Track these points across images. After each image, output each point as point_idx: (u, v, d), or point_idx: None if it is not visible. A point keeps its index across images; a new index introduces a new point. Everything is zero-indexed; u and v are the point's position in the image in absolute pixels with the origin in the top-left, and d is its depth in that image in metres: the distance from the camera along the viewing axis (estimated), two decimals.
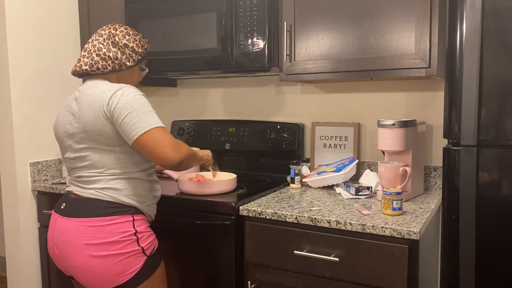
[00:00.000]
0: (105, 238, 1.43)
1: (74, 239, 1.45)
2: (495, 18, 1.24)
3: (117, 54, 1.53)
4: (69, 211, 1.50)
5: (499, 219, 1.28)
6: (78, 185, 1.53)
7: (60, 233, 1.49)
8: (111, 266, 1.43)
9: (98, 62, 1.52)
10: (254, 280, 1.67)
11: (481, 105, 1.27)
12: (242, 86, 2.43)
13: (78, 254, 1.44)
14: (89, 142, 1.48)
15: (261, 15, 1.86)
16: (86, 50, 1.56)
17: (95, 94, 1.47)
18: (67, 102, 1.58)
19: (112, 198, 1.48)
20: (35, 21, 2.27)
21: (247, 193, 1.85)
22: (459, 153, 1.31)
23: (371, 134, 2.12)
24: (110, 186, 1.48)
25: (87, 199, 1.49)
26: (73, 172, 1.56)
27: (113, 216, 1.46)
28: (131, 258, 1.46)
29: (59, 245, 1.49)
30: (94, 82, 1.53)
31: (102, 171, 1.49)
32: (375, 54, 1.72)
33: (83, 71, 1.54)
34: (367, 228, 1.45)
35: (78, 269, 1.46)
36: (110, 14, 2.34)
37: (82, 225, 1.45)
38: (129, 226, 1.47)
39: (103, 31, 1.57)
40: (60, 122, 1.57)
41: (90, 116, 1.45)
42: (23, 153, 2.24)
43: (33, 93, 2.27)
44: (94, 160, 1.49)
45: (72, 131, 1.51)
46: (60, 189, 2.15)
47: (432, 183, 1.99)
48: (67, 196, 1.57)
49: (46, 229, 2.24)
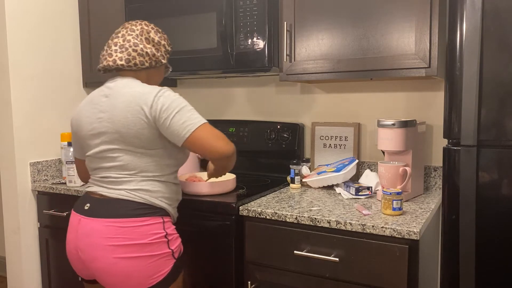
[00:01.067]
0: (137, 239, 1.39)
1: (103, 240, 1.39)
2: (495, 18, 1.24)
3: (153, 51, 1.51)
4: (96, 212, 1.43)
5: (499, 219, 1.28)
6: (104, 186, 1.48)
7: (86, 234, 1.42)
8: (141, 268, 1.39)
9: (136, 58, 1.48)
10: (254, 280, 1.67)
11: (481, 105, 1.27)
12: (242, 86, 2.43)
13: (107, 255, 1.38)
14: (122, 143, 1.43)
15: (261, 15, 1.86)
16: (117, 45, 1.48)
17: (133, 95, 1.42)
18: (93, 98, 1.51)
19: (143, 200, 1.44)
20: (35, 21, 2.27)
21: (247, 193, 1.85)
22: (459, 153, 1.31)
23: (371, 134, 2.12)
24: (141, 187, 1.45)
25: (116, 200, 1.44)
26: (97, 172, 1.50)
27: (144, 217, 1.42)
28: (161, 260, 1.43)
29: (85, 247, 1.42)
30: (127, 81, 1.48)
31: (133, 173, 1.45)
32: (375, 54, 1.72)
33: (117, 66, 1.48)
34: (367, 228, 1.45)
35: (106, 271, 1.40)
36: (110, 14, 2.34)
37: (113, 226, 1.39)
38: (160, 228, 1.44)
39: (134, 26, 1.51)
40: (84, 119, 1.50)
41: (128, 118, 1.40)
42: (23, 153, 2.24)
43: (33, 93, 2.27)
44: (126, 162, 1.44)
45: (101, 130, 1.45)
46: (60, 189, 2.15)
47: (432, 183, 1.99)
48: (88, 196, 1.51)
49: (46, 229, 2.27)
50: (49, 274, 2.30)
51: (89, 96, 1.55)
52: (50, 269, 2.30)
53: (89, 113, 1.49)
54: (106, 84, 1.51)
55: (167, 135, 1.43)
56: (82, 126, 1.51)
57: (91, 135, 1.48)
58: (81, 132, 1.52)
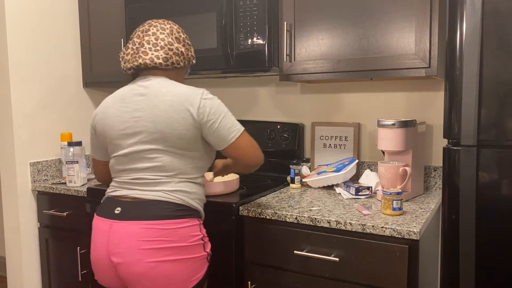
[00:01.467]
0: (178, 241, 1.36)
1: (143, 243, 1.33)
2: (495, 18, 1.24)
3: (184, 51, 1.49)
4: (131, 215, 1.37)
5: (499, 219, 1.28)
6: (136, 188, 1.42)
7: (121, 239, 1.35)
8: (182, 271, 1.36)
9: (172, 57, 1.45)
10: (254, 280, 1.67)
11: (481, 105, 1.27)
12: (242, 86, 2.43)
13: (148, 259, 1.33)
14: (162, 143, 1.39)
15: (261, 15, 1.86)
16: (149, 43, 1.44)
17: (177, 95, 1.39)
18: (124, 97, 1.45)
19: (182, 201, 1.41)
20: (35, 21, 2.27)
21: (247, 193, 1.85)
22: (459, 153, 1.31)
23: (371, 134, 2.12)
24: (179, 188, 1.41)
25: (152, 201, 1.38)
26: (127, 173, 1.44)
27: (184, 219, 1.39)
28: (197, 263, 1.40)
29: (121, 252, 1.35)
30: (162, 80, 1.44)
31: (172, 174, 1.41)
32: (375, 54, 1.72)
33: (155, 64, 1.43)
34: (367, 228, 1.45)
35: (145, 276, 1.34)
36: (110, 14, 2.34)
37: (153, 228, 1.34)
38: (197, 230, 1.42)
39: (164, 25, 1.48)
40: (115, 118, 1.44)
41: (173, 118, 1.37)
42: (23, 153, 2.24)
43: (33, 93, 2.27)
44: (164, 163, 1.40)
45: (138, 130, 1.40)
46: (60, 189, 2.15)
47: (432, 183, 1.99)
48: (116, 200, 1.43)
49: (46, 229, 2.27)
50: (49, 274, 2.30)
51: (117, 95, 1.48)
52: (50, 269, 2.30)
53: (120, 112, 1.44)
54: (139, 83, 1.46)
55: (212, 138, 1.42)
56: (111, 125, 1.45)
57: (124, 134, 1.42)
58: (110, 131, 1.45)
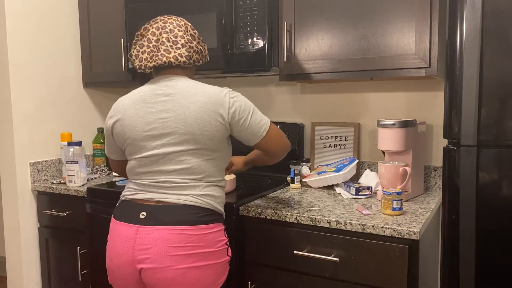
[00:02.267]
0: (207, 247, 1.34)
1: (173, 249, 1.30)
2: (495, 18, 1.24)
3: (202, 48, 1.49)
4: (158, 220, 1.33)
5: (499, 219, 1.28)
6: (161, 192, 1.38)
7: (150, 244, 1.31)
8: (208, 277, 1.35)
9: (193, 55, 1.43)
10: (254, 280, 1.67)
11: (481, 105, 1.27)
12: (242, 86, 2.43)
13: (176, 264, 1.31)
14: (192, 145, 1.35)
15: (261, 15, 1.86)
16: (169, 40, 1.40)
17: (206, 96, 1.37)
18: (145, 97, 1.40)
19: (210, 205, 1.38)
20: (35, 21, 2.27)
21: (247, 193, 1.85)
22: (459, 153, 1.31)
23: (371, 134, 2.12)
24: (207, 192, 1.39)
25: (181, 205, 1.35)
26: (150, 175, 1.39)
27: (212, 224, 1.37)
28: (222, 268, 1.40)
29: (148, 258, 1.31)
30: (187, 80, 1.42)
31: (200, 177, 1.38)
32: (375, 54, 1.72)
33: (179, 63, 1.40)
34: (367, 228, 1.45)
35: (173, 281, 1.31)
36: (110, 14, 2.34)
37: (183, 234, 1.31)
38: (223, 235, 1.41)
39: (179, 22, 1.44)
40: (136, 119, 1.39)
41: (204, 119, 1.34)
42: (23, 153, 2.24)
43: (33, 93, 2.27)
44: (193, 165, 1.36)
45: (166, 131, 1.36)
46: (60, 189, 2.15)
47: (432, 183, 1.99)
48: (139, 204, 1.39)
49: (46, 229, 2.27)
50: (49, 274, 2.31)
51: (137, 95, 1.43)
52: (50, 269, 2.30)
53: (142, 113, 1.39)
54: (161, 83, 1.41)
55: (245, 134, 1.42)
56: (133, 126, 1.39)
57: (149, 136, 1.37)
58: (132, 132, 1.40)
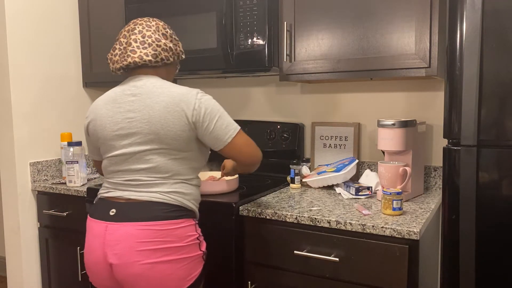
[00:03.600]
0: (174, 242, 1.37)
1: (139, 244, 1.34)
2: (495, 18, 1.24)
3: (173, 46, 1.49)
4: (126, 216, 1.37)
5: (499, 219, 1.28)
6: (130, 190, 1.42)
7: (118, 240, 1.35)
8: (177, 271, 1.37)
9: (161, 53, 1.44)
10: (254, 280, 1.67)
11: (481, 105, 1.27)
12: (242, 86, 2.43)
13: (144, 260, 1.34)
14: (157, 144, 1.38)
15: (261, 15, 1.86)
16: (137, 41, 1.43)
17: (171, 96, 1.39)
18: (115, 97, 1.44)
19: (178, 202, 1.41)
20: (35, 21, 2.27)
21: (247, 193, 1.85)
22: (459, 153, 1.31)
23: (371, 134, 2.12)
24: (175, 189, 1.42)
25: (148, 202, 1.39)
26: (121, 174, 1.44)
27: (180, 219, 1.40)
28: (193, 262, 1.41)
29: (117, 254, 1.35)
30: (155, 80, 1.44)
31: (167, 176, 1.41)
32: (375, 54, 1.72)
33: (144, 62, 1.42)
34: (367, 228, 1.45)
35: (141, 276, 1.34)
36: (110, 14, 2.34)
37: (149, 229, 1.35)
38: (193, 230, 1.43)
39: (149, 22, 1.47)
40: (106, 119, 1.43)
41: (168, 119, 1.37)
42: (23, 153, 2.24)
43: (33, 93, 2.27)
44: (159, 164, 1.40)
45: (132, 131, 1.39)
46: (60, 189, 2.15)
47: (432, 183, 1.99)
48: (110, 201, 1.43)
49: (46, 229, 2.27)
50: (49, 274, 2.30)
51: (109, 95, 1.48)
52: (50, 269, 2.30)
53: (112, 113, 1.43)
54: (131, 83, 1.45)
55: (208, 138, 1.42)
56: (103, 126, 1.44)
57: (117, 135, 1.42)
58: (102, 132, 1.45)
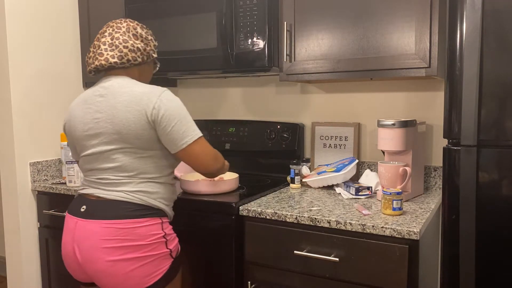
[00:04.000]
0: (136, 240, 1.39)
1: (102, 242, 1.39)
2: (495, 18, 1.24)
3: (143, 46, 1.50)
4: (93, 214, 1.43)
5: (499, 219, 1.28)
6: (100, 188, 1.47)
7: (83, 237, 1.42)
8: (140, 268, 1.40)
9: (128, 54, 1.46)
10: (254, 280, 1.67)
11: (481, 105, 1.27)
12: (242, 86, 2.43)
13: (106, 257, 1.38)
14: (121, 144, 1.42)
15: (261, 15, 1.86)
16: (105, 44, 1.47)
17: (133, 95, 1.41)
18: (86, 98, 1.49)
19: (142, 201, 1.44)
20: (35, 21, 2.27)
21: (247, 193, 1.85)
22: (459, 153, 1.31)
23: (371, 134, 2.12)
24: (140, 189, 1.45)
25: (114, 201, 1.43)
26: (93, 173, 1.49)
27: (143, 218, 1.42)
28: (159, 260, 1.43)
29: (83, 249, 1.41)
30: (122, 80, 1.47)
31: (132, 174, 1.44)
32: (375, 54, 1.72)
33: (110, 64, 1.45)
34: (367, 228, 1.45)
35: (105, 272, 1.40)
36: (110, 14, 2.34)
37: (111, 227, 1.39)
38: (159, 229, 1.45)
39: (120, 24, 1.50)
40: (78, 119, 1.48)
41: (129, 119, 1.40)
42: (23, 153, 2.24)
43: (33, 93, 2.27)
44: (124, 163, 1.43)
45: (98, 131, 1.44)
46: (60, 189, 2.15)
47: (432, 183, 1.99)
48: (84, 198, 1.49)
49: (46, 229, 2.27)
50: (49, 274, 2.30)
51: (82, 96, 1.52)
52: (50, 269, 2.30)
53: (83, 113, 1.47)
54: (100, 84, 1.49)
55: (164, 140, 1.44)
56: (75, 127, 1.49)
57: (87, 135, 1.46)
58: (75, 133, 1.50)
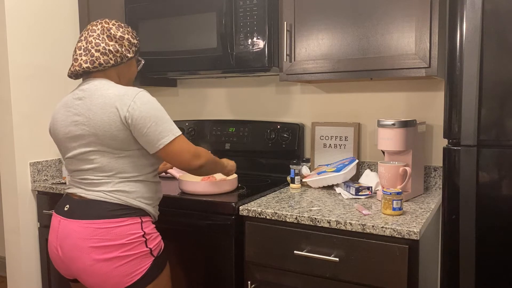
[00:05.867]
0: (114, 240, 1.41)
1: (81, 241, 1.41)
2: (495, 18, 1.24)
3: (116, 47, 1.50)
4: (74, 213, 1.46)
5: (499, 219, 1.28)
6: (82, 187, 1.50)
7: (65, 235, 1.45)
8: (119, 267, 1.42)
9: (99, 58, 1.48)
10: (254, 280, 1.67)
11: (481, 105, 1.27)
12: (242, 86, 2.43)
13: (85, 256, 1.41)
14: (98, 145, 1.44)
15: (261, 15, 1.86)
16: (81, 48, 1.49)
17: (108, 97, 1.43)
18: (67, 101, 1.52)
19: (121, 201, 1.46)
20: (35, 21, 2.27)
21: (247, 193, 1.85)
22: (459, 153, 1.31)
23: (371, 134, 2.12)
24: (118, 188, 1.46)
25: (93, 201, 1.46)
26: (76, 174, 1.52)
27: (121, 218, 1.44)
28: (139, 259, 1.44)
29: (64, 248, 1.45)
30: (99, 82, 1.48)
31: (110, 174, 1.46)
32: (375, 54, 1.72)
33: (84, 69, 1.48)
34: (367, 228, 1.45)
35: (85, 271, 1.43)
36: (110, 14, 2.34)
37: (89, 227, 1.41)
38: (138, 228, 1.46)
39: (95, 27, 1.51)
40: (60, 122, 1.52)
41: (104, 120, 1.42)
42: (23, 153, 2.24)
43: (33, 93, 2.27)
44: (102, 164, 1.46)
45: (77, 133, 1.47)
46: (60, 189, 2.15)
47: (432, 183, 1.99)
48: (69, 197, 1.53)
49: (46, 229, 2.26)
50: (49, 274, 2.30)
51: (63, 99, 1.55)
52: (50, 269, 2.30)
53: (64, 117, 1.50)
54: (80, 87, 1.51)
55: (141, 141, 1.45)
56: (58, 130, 1.52)
57: (68, 138, 1.49)
58: (57, 136, 1.53)
